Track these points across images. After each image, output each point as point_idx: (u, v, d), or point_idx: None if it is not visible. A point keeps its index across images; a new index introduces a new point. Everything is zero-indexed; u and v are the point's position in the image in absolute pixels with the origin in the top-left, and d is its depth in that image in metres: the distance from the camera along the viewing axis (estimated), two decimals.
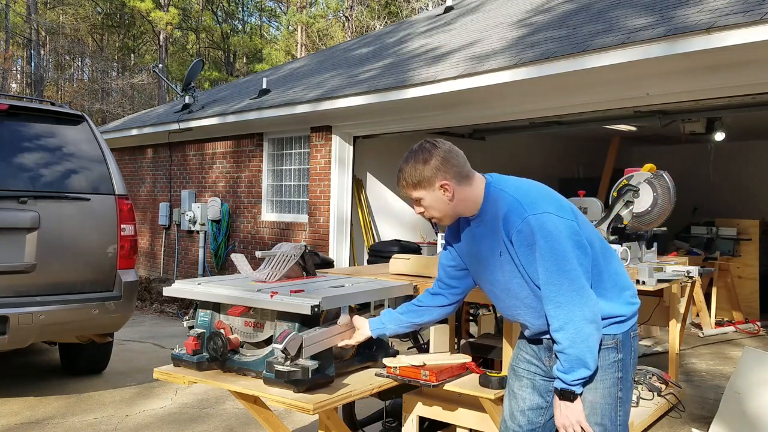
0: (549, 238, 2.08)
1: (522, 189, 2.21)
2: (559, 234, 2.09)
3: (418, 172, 2.22)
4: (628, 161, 10.24)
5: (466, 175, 2.24)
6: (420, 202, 2.28)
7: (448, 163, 2.21)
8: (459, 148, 2.28)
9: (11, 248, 4.48)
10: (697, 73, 5.18)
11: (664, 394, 4.60)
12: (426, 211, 2.31)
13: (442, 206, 2.26)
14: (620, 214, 4.36)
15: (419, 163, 2.22)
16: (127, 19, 32.94)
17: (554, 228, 2.09)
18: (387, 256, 5.08)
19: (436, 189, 2.22)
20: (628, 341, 2.25)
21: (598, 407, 2.20)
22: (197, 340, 2.70)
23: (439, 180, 2.21)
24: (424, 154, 2.22)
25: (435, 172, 2.20)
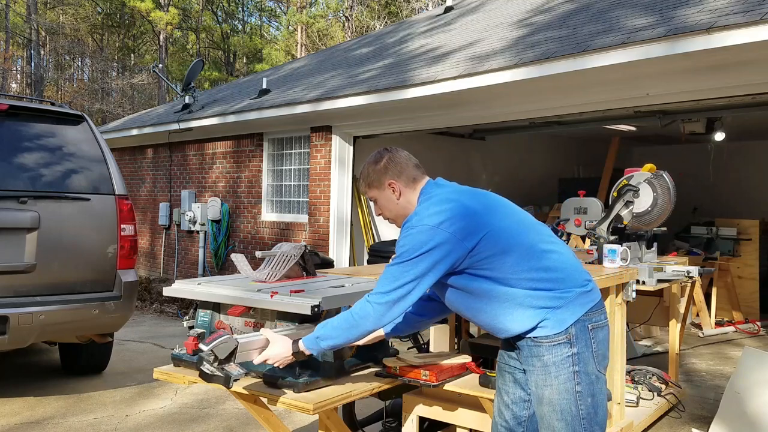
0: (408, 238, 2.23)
1: (430, 202, 2.29)
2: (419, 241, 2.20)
3: (369, 173, 2.43)
4: (628, 161, 10.27)
5: (412, 178, 2.40)
6: (376, 202, 2.45)
7: (396, 165, 2.39)
8: (411, 156, 2.45)
9: (11, 248, 4.48)
10: (697, 73, 5.18)
11: (664, 394, 4.60)
12: (381, 211, 2.46)
13: (392, 206, 2.41)
14: (620, 214, 4.36)
15: (371, 164, 2.43)
16: (127, 19, 32.94)
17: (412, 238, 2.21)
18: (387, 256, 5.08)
19: (385, 188, 2.40)
20: (585, 333, 2.23)
21: (556, 403, 2.23)
22: (197, 340, 2.70)
23: (387, 179, 2.39)
24: (376, 157, 2.44)
25: (384, 171, 2.39)
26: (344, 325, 2.29)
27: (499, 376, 2.48)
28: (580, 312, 2.24)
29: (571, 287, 2.25)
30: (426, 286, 2.23)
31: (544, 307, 2.21)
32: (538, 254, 2.25)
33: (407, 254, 2.20)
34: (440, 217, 2.20)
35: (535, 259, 2.24)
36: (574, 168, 12.13)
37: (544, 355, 2.22)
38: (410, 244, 2.21)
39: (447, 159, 9.74)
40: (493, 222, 2.24)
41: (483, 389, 2.68)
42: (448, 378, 2.74)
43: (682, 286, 5.10)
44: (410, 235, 2.22)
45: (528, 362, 2.28)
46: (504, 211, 2.32)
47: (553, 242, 2.34)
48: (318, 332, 2.32)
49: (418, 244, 2.19)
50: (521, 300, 2.22)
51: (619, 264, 3.90)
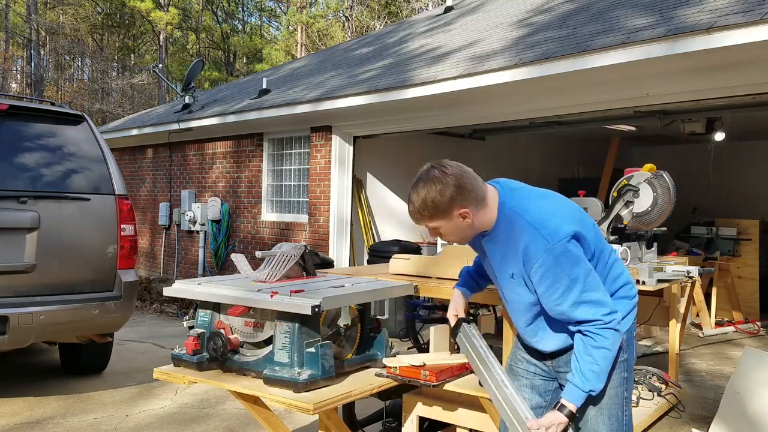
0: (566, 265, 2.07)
1: (536, 212, 2.12)
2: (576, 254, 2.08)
3: (432, 204, 2.10)
4: (628, 161, 10.25)
5: (482, 198, 2.15)
6: (438, 229, 2.19)
7: (464, 190, 2.10)
8: (465, 165, 2.19)
9: (11, 248, 4.48)
10: (697, 73, 5.18)
11: (664, 394, 4.60)
12: (443, 236, 2.22)
13: (462, 232, 2.18)
14: (620, 214, 4.36)
15: (433, 194, 2.09)
16: (127, 19, 32.94)
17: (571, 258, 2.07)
18: (387, 256, 5.08)
19: (454, 217, 2.13)
20: (632, 341, 2.27)
21: (605, 407, 2.22)
22: (197, 340, 2.70)
23: (457, 209, 2.11)
24: (436, 184, 2.09)
25: (452, 202, 2.10)
26: (606, 363, 2.11)
27: (512, 379, 2.44)
28: (631, 320, 2.26)
29: (631, 296, 2.28)
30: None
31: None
32: (610, 262, 2.25)
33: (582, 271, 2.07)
34: (569, 226, 2.10)
35: (608, 266, 2.24)
36: (574, 168, 12.13)
37: None
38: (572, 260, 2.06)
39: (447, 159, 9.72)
40: (591, 223, 2.24)
41: (483, 389, 2.68)
42: (448, 378, 2.74)
43: (682, 286, 5.10)
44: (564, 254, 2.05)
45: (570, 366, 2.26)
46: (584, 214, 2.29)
47: (613, 251, 2.33)
48: (584, 385, 2.11)
49: (576, 257, 2.08)
50: None
51: None
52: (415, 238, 9.04)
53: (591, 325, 2.09)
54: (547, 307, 2.15)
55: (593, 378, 2.10)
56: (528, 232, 2.09)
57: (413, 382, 2.70)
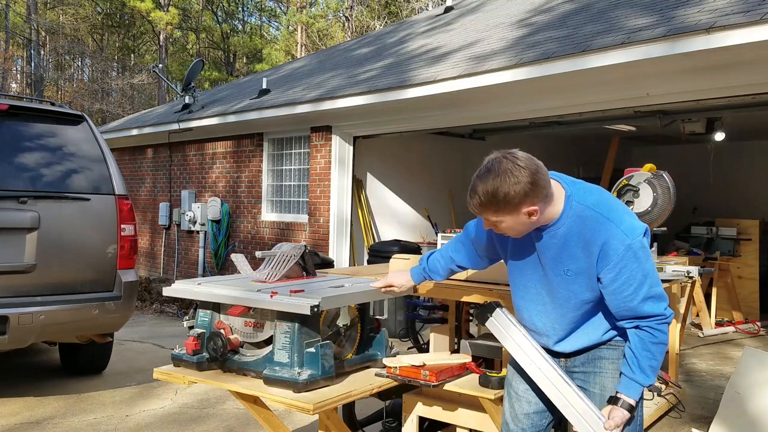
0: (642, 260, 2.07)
1: (609, 207, 2.10)
2: (647, 257, 2.10)
3: (504, 198, 1.97)
4: (628, 161, 10.24)
5: (551, 194, 2.06)
6: (497, 224, 2.08)
7: (537, 187, 1.98)
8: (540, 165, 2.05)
9: (11, 248, 4.48)
10: (697, 73, 5.18)
11: (664, 394, 4.60)
12: (500, 229, 2.13)
13: (522, 228, 2.09)
14: None
15: (505, 188, 1.96)
16: (127, 19, 32.94)
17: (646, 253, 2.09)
18: (387, 256, 5.08)
19: (521, 214, 2.02)
20: None
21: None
22: (197, 340, 2.70)
23: (527, 206, 2.00)
24: (510, 177, 1.96)
25: (523, 199, 1.98)
26: (661, 356, 2.13)
27: (518, 382, 2.41)
28: None
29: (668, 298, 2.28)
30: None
31: None
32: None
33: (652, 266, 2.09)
34: (638, 220, 2.12)
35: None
36: (574, 168, 12.12)
37: (620, 357, 2.21)
38: (646, 255, 2.08)
39: (447, 159, 9.74)
40: None
41: (483, 389, 2.68)
42: (448, 378, 2.74)
43: (682, 286, 5.10)
44: (642, 249, 2.05)
45: (593, 365, 2.27)
46: None
47: None
48: (643, 379, 2.12)
49: (648, 252, 2.10)
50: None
51: None
52: (415, 238, 9.04)
53: (653, 320, 2.09)
54: (615, 303, 2.12)
55: (651, 373, 2.12)
56: (606, 227, 2.05)
57: (413, 382, 2.69)
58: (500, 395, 2.65)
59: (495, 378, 2.69)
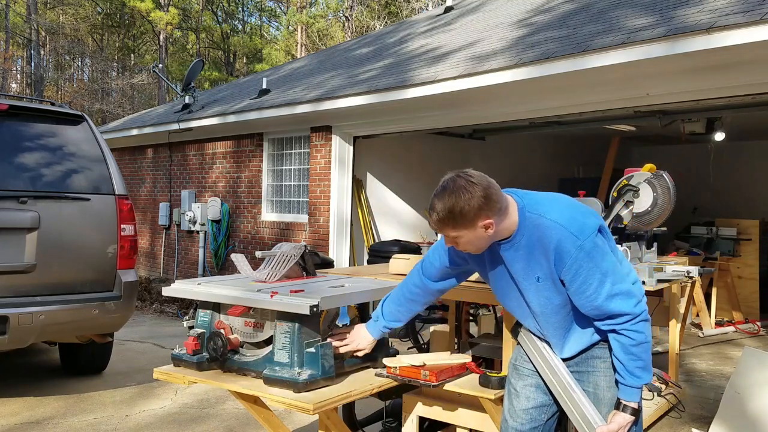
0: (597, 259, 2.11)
1: (559, 211, 2.16)
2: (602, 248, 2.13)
3: (457, 214, 2.07)
4: (628, 161, 10.26)
5: (505, 206, 2.14)
6: (457, 239, 2.16)
7: (490, 201, 2.08)
8: (485, 174, 2.16)
9: (11, 248, 4.48)
10: (697, 73, 5.18)
11: (664, 394, 4.60)
12: (460, 246, 2.20)
13: (481, 242, 2.17)
14: (620, 214, 4.36)
15: (459, 204, 2.06)
16: (127, 19, 32.94)
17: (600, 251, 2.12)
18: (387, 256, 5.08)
19: (477, 228, 2.10)
20: None
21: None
22: (197, 340, 2.70)
23: (482, 220, 2.09)
24: (464, 195, 2.05)
25: (477, 212, 2.07)
26: (644, 357, 2.14)
27: (516, 379, 2.46)
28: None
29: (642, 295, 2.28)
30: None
31: None
32: (619, 260, 2.26)
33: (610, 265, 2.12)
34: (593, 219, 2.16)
35: (625, 259, 2.28)
36: (574, 168, 12.13)
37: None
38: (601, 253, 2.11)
39: (447, 159, 9.73)
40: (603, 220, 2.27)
41: (483, 389, 2.68)
42: (448, 378, 2.74)
43: (682, 286, 5.10)
44: (594, 248, 2.10)
45: (587, 363, 2.29)
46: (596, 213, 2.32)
47: (619, 251, 2.35)
48: (637, 381, 2.14)
49: (604, 250, 2.13)
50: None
51: None
52: (415, 238, 9.04)
53: (625, 320, 2.12)
54: (581, 304, 2.16)
55: (642, 373, 2.14)
56: (556, 230, 2.11)
57: (413, 382, 2.69)
58: (500, 395, 2.65)
59: (495, 378, 2.69)
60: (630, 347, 2.13)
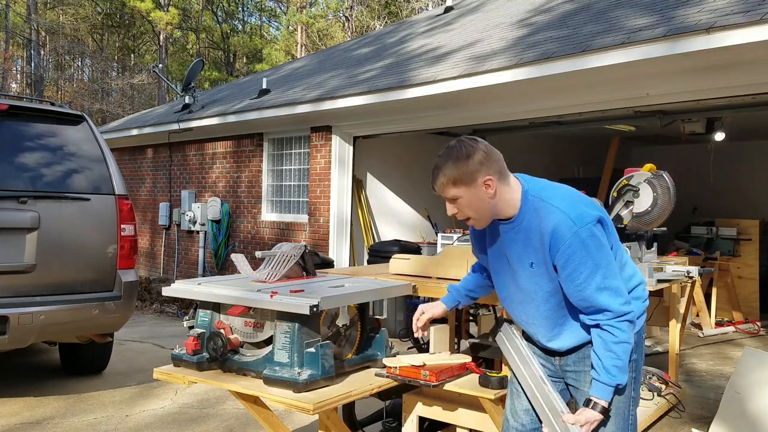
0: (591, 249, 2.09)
1: (562, 197, 2.16)
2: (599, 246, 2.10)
3: (460, 166, 2.09)
4: (628, 161, 10.25)
5: (506, 174, 2.16)
6: (457, 200, 2.14)
7: (491, 158, 2.11)
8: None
9: (11, 248, 4.48)
10: (697, 73, 5.18)
11: (664, 394, 4.60)
12: (461, 211, 2.17)
13: (481, 205, 2.14)
14: (620, 214, 4.36)
15: (462, 158, 2.09)
16: (127, 19, 32.94)
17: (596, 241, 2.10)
18: (387, 256, 5.07)
19: (478, 185, 2.10)
20: (641, 343, 2.29)
21: (613, 406, 2.22)
22: (197, 340, 2.70)
23: (483, 175, 2.09)
24: (466, 149, 2.10)
25: (479, 167, 2.09)
26: (626, 355, 2.13)
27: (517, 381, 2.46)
28: (642, 323, 2.27)
29: (644, 298, 2.28)
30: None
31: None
32: (624, 262, 2.26)
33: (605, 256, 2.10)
34: (591, 207, 2.14)
35: (621, 264, 2.24)
36: (574, 168, 12.13)
37: None
38: (597, 244, 2.08)
39: None
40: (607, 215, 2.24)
41: (483, 389, 2.68)
42: (448, 378, 2.74)
43: (682, 286, 5.10)
44: (590, 237, 2.07)
45: (583, 363, 2.27)
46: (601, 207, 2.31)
47: (626, 252, 2.35)
48: (611, 379, 2.12)
49: (601, 242, 2.10)
50: None
51: None
52: (415, 238, 9.04)
53: (612, 317, 2.10)
54: (570, 292, 2.14)
55: (618, 372, 2.12)
56: (555, 215, 2.10)
57: (413, 382, 2.69)
58: (500, 395, 2.65)
59: (495, 378, 2.69)
60: (611, 344, 2.11)
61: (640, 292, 2.28)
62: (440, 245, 4.44)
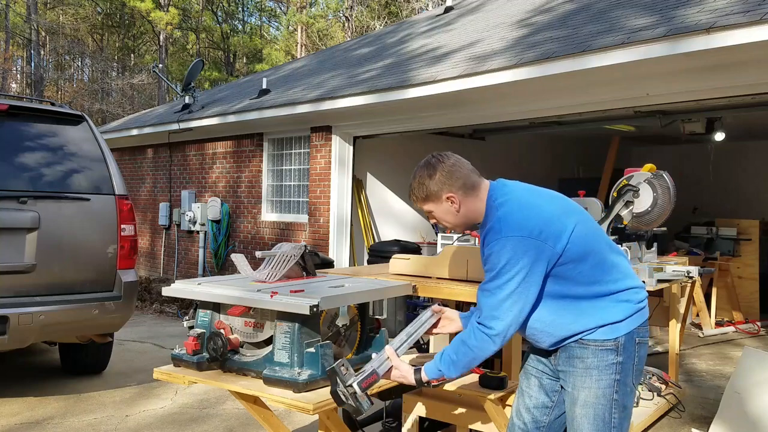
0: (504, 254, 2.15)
1: (510, 205, 2.22)
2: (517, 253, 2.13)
3: (424, 186, 2.30)
4: (628, 161, 10.25)
5: (471, 186, 2.29)
6: (431, 213, 2.36)
7: (453, 176, 2.28)
8: (464, 159, 2.35)
9: (11, 248, 4.48)
10: (697, 73, 5.18)
11: (664, 394, 4.60)
12: (438, 220, 2.38)
13: (451, 217, 2.33)
14: (620, 214, 4.36)
15: (425, 178, 2.30)
16: (127, 19, 32.94)
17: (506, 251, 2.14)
18: (387, 256, 5.07)
19: (443, 201, 2.30)
20: (632, 346, 2.24)
21: (591, 407, 2.23)
22: (197, 340, 2.70)
23: (446, 192, 2.28)
24: (429, 169, 2.30)
25: (441, 186, 2.28)
26: (465, 360, 2.21)
27: (523, 378, 2.47)
28: (633, 325, 2.25)
29: (633, 301, 2.26)
30: (533, 302, 2.18)
31: (604, 316, 2.22)
32: (608, 265, 2.25)
33: (510, 271, 2.12)
34: (530, 223, 2.14)
35: (605, 269, 2.24)
36: (574, 168, 12.13)
37: (589, 357, 2.23)
38: (508, 257, 2.12)
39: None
40: (575, 225, 2.21)
41: (483, 389, 2.68)
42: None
43: (682, 286, 5.10)
44: (505, 247, 2.13)
45: (569, 363, 2.28)
46: (581, 215, 2.28)
47: (619, 253, 2.34)
48: (440, 365, 2.24)
49: (519, 258, 2.11)
50: (584, 308, 2.22)
51: None
52: (415, 238, 9.04)
53: (478, 319, 2.20)
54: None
55: (447, 363, 2.23)
56: (492, 220, 2.23)
57: None
58: (500, 395, 2.65)
59: (495, 378, 2.69)
60: (462, 339, 2.22)
61: (629, 295, 2.26)
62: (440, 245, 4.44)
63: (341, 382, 2.20)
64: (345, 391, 2.19)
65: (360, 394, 2.20)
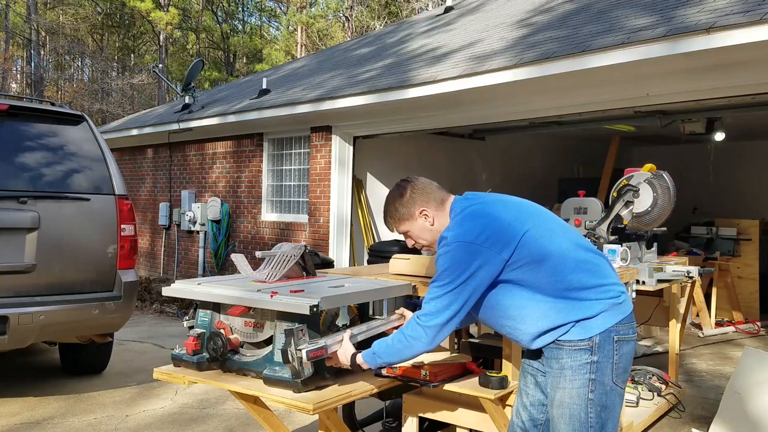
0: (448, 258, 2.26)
1: (461, 215, 2.32)
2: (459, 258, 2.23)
3: (398, 206, 2.45)
4: (628, 161, 10.25)
5: (440, 201, 2.43)
6: (408, 234, 2.49)
7: (423, 192, 2.43)
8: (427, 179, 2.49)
9: (11, 248, 4.48)
10: (697, 73, 5.18)
11: (664, 394, 4.60)
12: (416, 241, 2.49)
13: (427, 234, 2.45)
14: (620, 214, 4.36)
15: (397, 199, 2.46)
16: (127, 19, 32.94)
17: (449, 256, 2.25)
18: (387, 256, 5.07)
19: (417, 217, 2.43)
20: (609, 344, 2.23)
21: (566, 407, 2.24)
22: (197, 340, 2.70)
23: (418, 208, 2.43)
24: (400, 190, 2.46)
25: (413, 203, 2.43)
26: (398, 346, 2.34)
27: (521, 377, 2.51)
28: (609, 323, 2.24)
29: (604, 298, 2.26)
30: (472, 303, 2.27)
31: (574, 315, 2.23)
32: (572, 263, 2.26)
33: (450, 274, 2.23)
34: (475, 231, 2.23)
35: (569, 268, 2.25)
36: (574, 168, 12.13)
37: (563, 358, 2.24)
38: (450, 262, 2.23)
39: (447, 159, 9.73)
40: (527, 230, 2.25)
41: (483, 389, 2.68)
42: (448, 378, 2.74)
43: (682, 286, 5.10)
44: (449, 252, 2.24)
45: (548, 364, 2.31)
46: (537, 219, 2.31)
47: (589, 250, 2.34)
48: (375, 348, 2.38)
49: (459, 262, 2.22)
50: (551, 306, 2.23)
51: (619, 264, 3.90)
52: None
53: (419, 313, 2.30)
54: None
55: (383, 348, 2.36)
56: (446, 230, 2.33)
57: (413, 382, 2.69)
58: (500, 395, 2.65)
59: (495, 378, 2.69)
60: (401, 329, 2.35)
61: (600, 293, 2.25)
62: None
63: (294, 344, 2.36)
64: (294, 353, 2.35)
65: (305, 360, 2.35)
